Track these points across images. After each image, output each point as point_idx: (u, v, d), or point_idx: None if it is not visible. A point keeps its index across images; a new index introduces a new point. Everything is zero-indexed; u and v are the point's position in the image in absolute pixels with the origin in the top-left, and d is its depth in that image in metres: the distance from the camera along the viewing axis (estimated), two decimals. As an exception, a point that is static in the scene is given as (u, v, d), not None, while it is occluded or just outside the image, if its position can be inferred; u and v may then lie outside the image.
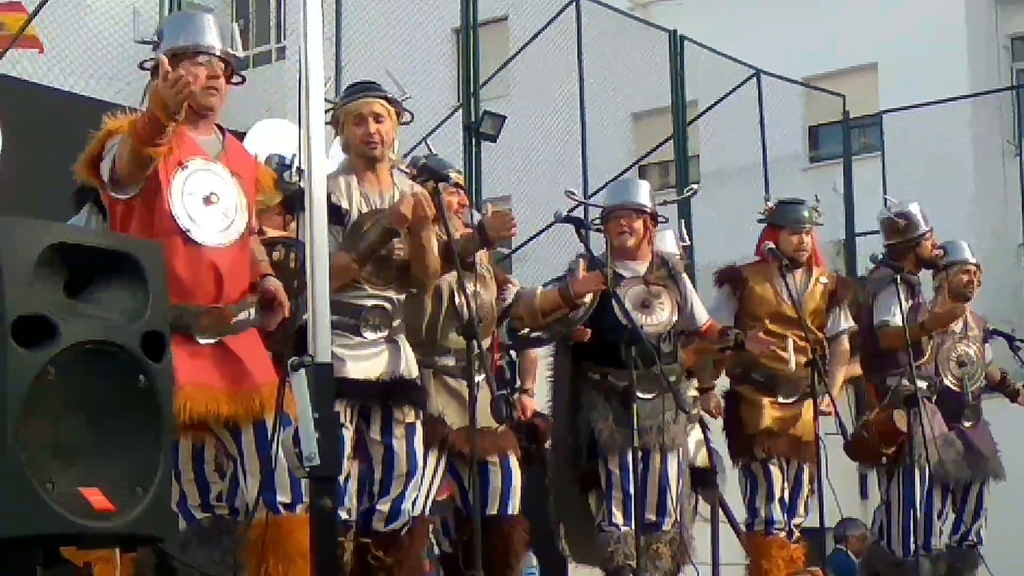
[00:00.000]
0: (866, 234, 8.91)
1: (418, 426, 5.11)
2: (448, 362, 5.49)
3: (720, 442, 7.17)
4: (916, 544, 7.15)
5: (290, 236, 5.11)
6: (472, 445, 5.17)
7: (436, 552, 6.06)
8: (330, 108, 5.11)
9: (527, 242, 11.54)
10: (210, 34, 4.70)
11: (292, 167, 5.49)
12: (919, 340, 7.31)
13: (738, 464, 6.96)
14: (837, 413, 6.87)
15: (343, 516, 4.96)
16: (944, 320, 7.37)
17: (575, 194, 6.55)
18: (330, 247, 4.75)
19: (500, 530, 5.53)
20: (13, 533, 3.27)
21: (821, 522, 6.83)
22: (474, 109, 10.75)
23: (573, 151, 11.86)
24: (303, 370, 3.60)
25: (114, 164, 4.44)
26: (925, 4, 17.26)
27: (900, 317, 7.04)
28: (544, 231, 10.66)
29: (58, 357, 3.34)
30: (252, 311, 4.71)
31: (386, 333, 5.07)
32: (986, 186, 17.11)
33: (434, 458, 5.36)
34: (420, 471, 5.13)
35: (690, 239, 8.60)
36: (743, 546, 7.10)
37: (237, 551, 4.59)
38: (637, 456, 6.09)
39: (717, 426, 7.22)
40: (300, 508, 4.47)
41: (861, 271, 10.13)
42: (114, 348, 3.45)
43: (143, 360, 3.49)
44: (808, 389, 6.79)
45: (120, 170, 4.44)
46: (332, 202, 4.81)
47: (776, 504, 6.83)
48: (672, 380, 6.22)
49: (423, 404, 5.20)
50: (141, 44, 4.80)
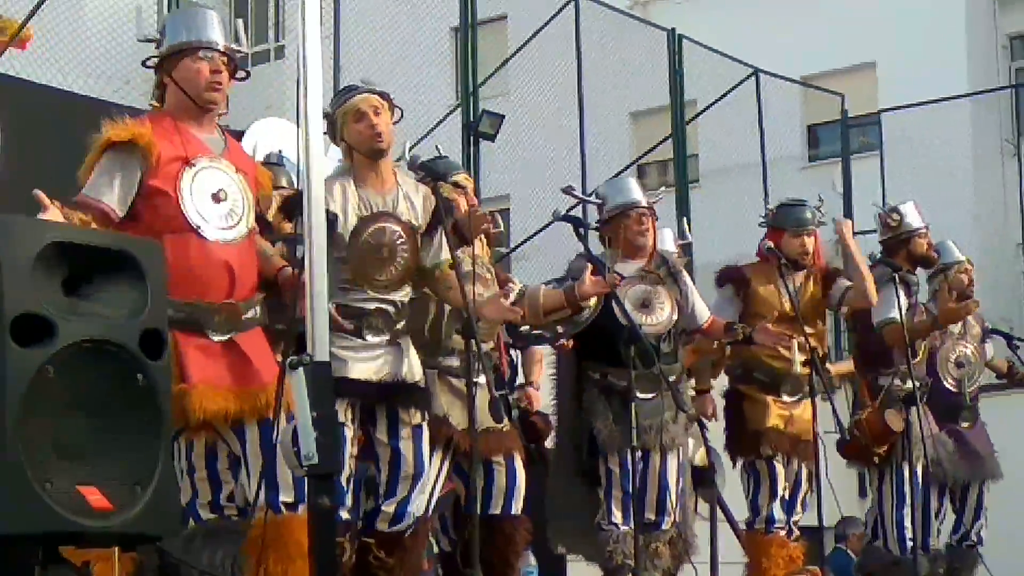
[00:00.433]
0: (865, 233, 8.88)
1: (425, 428, 5.10)
2: (452, 363, 5.48)
3: (718, 441, 7.15)
4: (914, 542, 7.15)
5: (291, 234, 5.08)
6: (473, 445, 5.17)
7: (435, 550, 6.06)
8: (331, 112, 5.03)
9: (526, 241, 11.54)
10: (213, 30, 4.67)
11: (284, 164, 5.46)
12: (927, 337, 7.31)
13: (740, 462, 6.95)
14: (835, 411, 6.86)
15: (344, 516, 4.96)
16: (959, 316, 7.35)
17: (574, 189, 6.53)
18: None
19: (503, 529, 5.53)
20: (12, 532, 3.27)
21: (820, 521, 6.82)
22: (473, 108, 10.74)
23: (572, 150, 11.85)
24: (301, 368, 3.59)
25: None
26: (924, 3, 17.26)
27: (900, 314, 7.04)
28: (543, 230, 10.66)
29: (57, 356, 3.34)
30: (258, 308, 4.71)
31: (388, 336, 5.04)
32: (985, 185, 17.10)
33: (438, 458, 5.35)
34: (427, 473, 5.12)
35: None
36: (741, 545, 7.10)
37: (239, 553, 4.58)
38: (636, 456, 6.10)
39: (715, 426, 7.21)
40: (302, 508, 4.41)
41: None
42: (113, 347, 3.45)
43: (142, 359, 3.49)
44: (808, 388, 6.78)
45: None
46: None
47: (778, 502, 6.83)
48: (672, 380, 6.22)
49: (428, 406, 5.18)
50: (143, 43, 4.78)
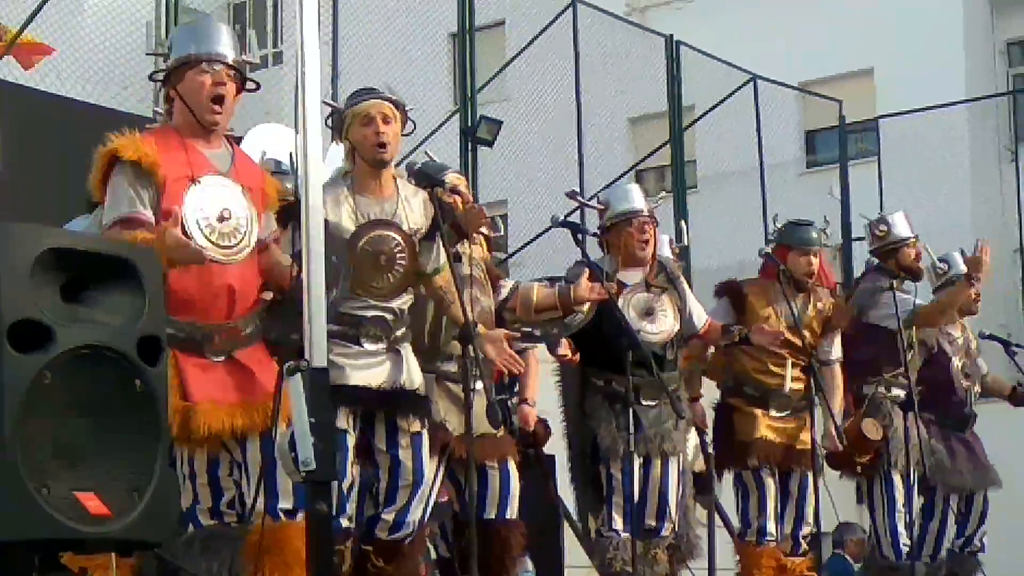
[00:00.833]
0: (863, 239, 8.89)
1: (424, 435, 5.08)
2: (450, 368, 5.47)
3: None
4: (909, 548, 7.16)
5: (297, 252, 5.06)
6: (469, 451, 5.17)
7: (433, 556, 6.06)
8: (331, 113, 5.04)
9: (524, 247, 11.55)
10: (220, 42, 4.62)
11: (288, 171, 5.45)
12: (933, 323, 7.38)
13: (730, 473, 6.96)
14: (834, 419, 6.86)
15: (344, 523, 4.95)
16: (964, 299, 7.35)
17: (577, 193, 6.52)
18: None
19: (497, 534, 5.52)
20: (9, 538, 3.27)
21: (817, 526, 6.84)
22: (471, 114, 10.75)
23: (570, 156, 11.86)
24: (299, 375, 3.59)
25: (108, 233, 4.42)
26: (922, 9, 17.27)
27: (895, 313, 7.09)
28: (541, 235, 10.66)
29: (55, 362, 3.34)
30: (258, 322, 4.69)
31: (386, 344, 5.02)
32: (983, 191, 17.11)
33: (435, 464, 5.35)
34: (427, 482, 5.12)
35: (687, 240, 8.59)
36: (736, 549, 7.10)
37: (236, 560, 4.57)
38: (635, 463, 6.12)
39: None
40: (301, 515, 4.40)
41: (857, 276, 10.12)
42: (111, 353, 3.44)
43: (140, 365, 3.49)
44: (800, 404, 6.82)
45: None
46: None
47: (770, 514, 6.81)
48: (672, 388, 6.23)
49: (428, 413, 5.17)
50: (151, 55, 4.76)
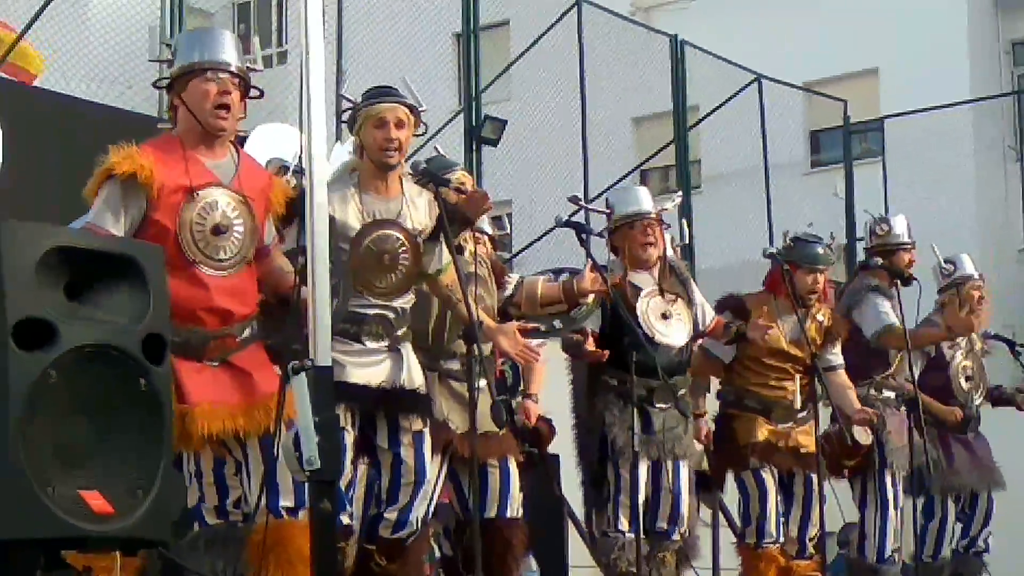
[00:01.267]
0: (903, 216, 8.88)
1: (426, 434, 5.08)
2: (453, 366, 5.47)
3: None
4: (898, 549, 7.20)
5: (294, 249, 5.07)
6: (473, 449, 5.17)
7: (437, 555, 6.05)
8: (348, 108, 5.06)
9: (528, 246, 11.54)
10: (225, 50, 4.61)
11: (291, 171, 5.45)
12: (932, 345, 7.40)
13: (731, 477, 6.96)
14: (839, 420, 6.85)
15: (346, 521, 4.95)
16: (969, 327, 7.39)
17: (580, 199, 6.51)
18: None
19: (499, 533, 5.51)
20: (13, 536, 3.28)
21: (822, 527, 6.83)
22: (475, 114, 10.75)
23: (574, 156, 11.85)
24: (303, 374, 3.59)
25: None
26: (926, 9, 17.26)
27: (897, 319, 7.09)
28: (545, 235, 10.65)
29: (59, 360, 3.34)
30: (254, 325, 4.69)
31: (387, 343, 5.03)
32: (987, 191, 17.11)
33: (437, 463, 5.35)
34: (429, 480, 5.12)
35: (691, 239, 8.58)
36: (737, 550, 7.10)
37: (241, 559, 4.58)
38: (643, 464, 6.14)
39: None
40: (303, 513, 4.41)
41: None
42: (115, 351, 3.45)
43: (144, 363, 3.50)
44: (802, 414, 6.85)
45: None
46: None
47: (770, 515, 6.81)
48: (682, 392, 6.28)
49: (429, 412, 5.16)
50: (155, 62, 4.76)
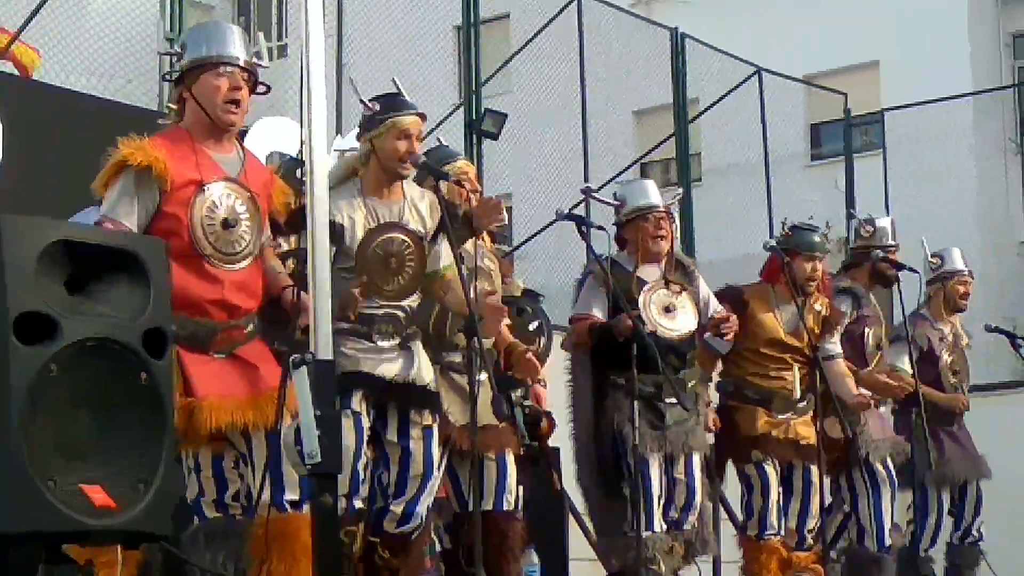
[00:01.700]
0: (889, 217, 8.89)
1: (435, 430, 5.13)
2: (455, 359, 5.50)
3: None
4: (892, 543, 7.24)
5: (304, 249, 5.12)
6: (473, 443, 5.16)
7: (437, 549, 6.05)
8: (373, 113, 5.11)
9: (529, 239, 11.53)
10: (234, 45, 4.64)
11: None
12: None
13: (734, 469, 6.97)
14: (839, 414, 6.86)
15: (357, 504, 4.97)
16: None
17: (591, 189, 6.51)
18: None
19: (495, 526, 5.50)
20: (15, 530, 3.28)
21: (822, 520, 6.84)
22: (475, 107, 10.73)
23: (575, 149, 11.83)
24: (304, 367, 3.59)
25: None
26: (927, 2, 17.25)
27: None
28: (546, 228, 10.65)
29: (60, 354, 3.34)
30: (257, 320, 4.72)
31: (398, 340, 5.08)
32: (988, 184, 17.10)
33: (439, 454, 5.36)
34: (435, 475, 5.15)
35: (686, 236, 8.58)
36: (739, 542, 7.11)
37: (243, 552, 4.58)
38: (656, 459, 6.16)
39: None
40: (307, 507, 4.41)
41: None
42: (116, 345, 3.45)
43: (145, 357, 3.49)
44: (802, 405, 6.87)
45: None
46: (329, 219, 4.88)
47: (772, 507, 6.82)
48: (691, 385, 6.31)
49: (439, 408, 5.21)
50: (165, 55, 4.77)
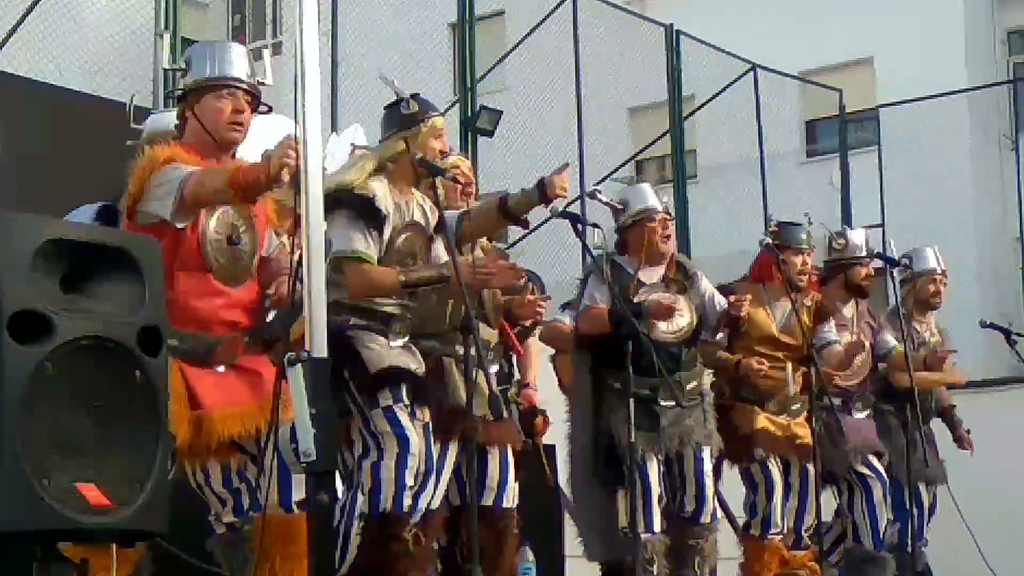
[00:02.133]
0: (870, 227, 8.90)
1: (430, 426, 5.22)
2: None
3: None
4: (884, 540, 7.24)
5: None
6: (471, 439, 5.18)
7: (435, 546, 6.03)
8: (412, 112, 5.22)
9: (524, 237, 11.52)
10: (238, 66, 4.67)
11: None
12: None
13: (732, 468, 6.97)
14: (835, 413, 6.87)
15: (409, 502, 5.05)
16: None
17: (599, 192, 6.55)
18: (359, 245, 5.00)
19: (494, 522, 5.51)
20: (9, 528, 3.27)
21: (818, 519, 6.84)
22: (470, 104, 10.73)
23: (570, 146, 11.83)
24: (299, 365, 3.59)
25: (183, 196, 4.41)
26: (922, -2, 17.26)
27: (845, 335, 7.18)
28: (541, 226, 10.64)
29: (55, 353, 3.34)
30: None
31: (408, 338, 5.22)
32: (983, 180, 17.10)
33: (455, 449, 5.38)
34: (438, 469, 5.22)
35: (681, 234, 8.58)
36: (739, 540, 7.11)
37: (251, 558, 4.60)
38: (654, 461, 6.15)
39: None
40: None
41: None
42: (111, 344, 3.45)
43: (140, 356, 3.49)
44: (797, 406, 6.88)
45: (200, 202, 4.46)
46: (374, 204, 5.05)
47: (776, 506, 6.82)
48: (692, 386, 6.34)
49: (432, 404, 5.28)
50: (170, 70, 4.79)
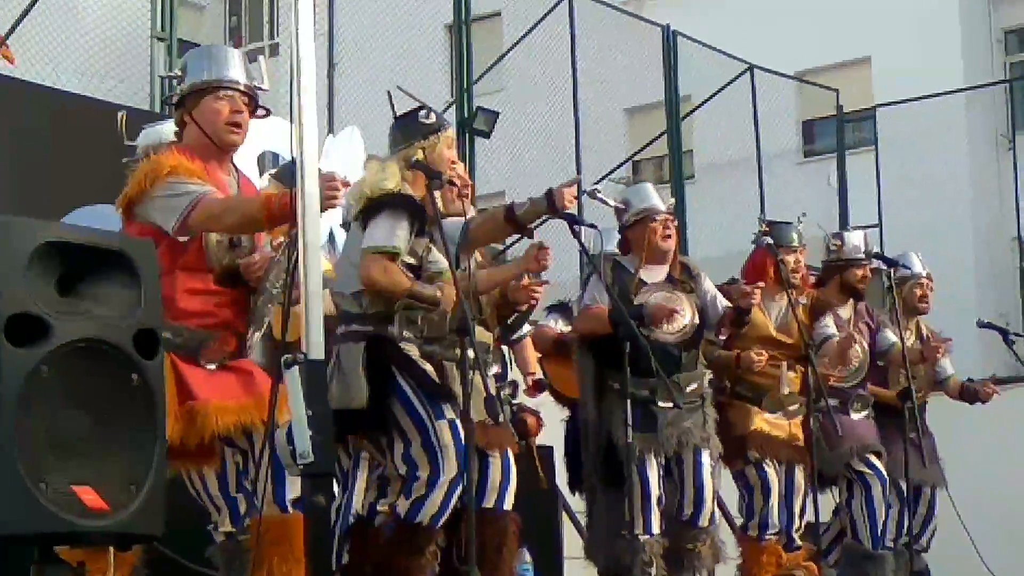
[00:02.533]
0: (866, 227, 8.90)
1: None
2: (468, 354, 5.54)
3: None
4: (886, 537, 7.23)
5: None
6: (469, 441, 5.18)
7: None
8: (431, 122, 5.41)
9: (520, 239, 11.51)
10: (234, 68, 4.68)
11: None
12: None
13: (728, 469, 6.96)
14: (831, 414, 6.86)
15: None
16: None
17: (598, 191, 6.55)
18: (400, 243, 5.04)
19: (495, 524, 5.52)
20: (7, 532, 3.27)
21: (816, 517, 6.84)
22: (467, 105, 10.73)
23: (567, 147, 11.82)
24: (296, 367, 3.59)
25: (188, 222, 4.42)
26: (918, -2, 17.26)
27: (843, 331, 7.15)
28: (537, 227, 10.63)
29: (51, 355, 3.34)
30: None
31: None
32: (980, 180, 17.09)
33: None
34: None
35: (678, 233, 8.55)
36: (738, 542, 7.10)
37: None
38: (653, 463, 6.15)
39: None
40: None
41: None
42: (107, 346, 3.45)
43: (136, 358, 3.49)
44: (792, 409, 6.87)
45: (209, 229, 4.48)
46: (424, 215, 5.13)
47: (772, 507, 6.81)
48: (692, 388, 6.32)
49: None
50: (166, 78, 4.79)
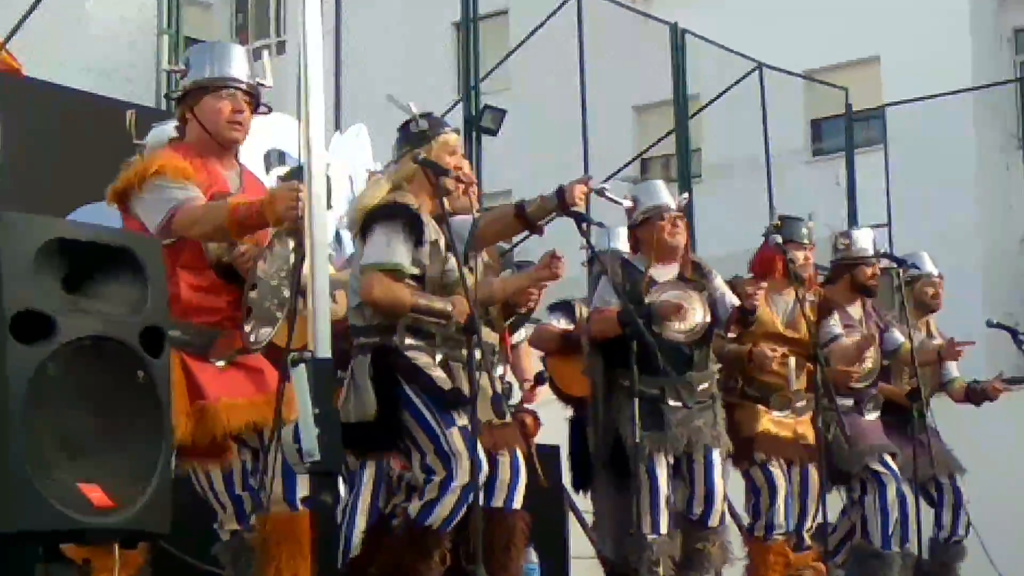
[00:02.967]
0: (877, 226, 8.88)
1: None
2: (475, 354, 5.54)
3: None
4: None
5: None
6: (474, 439, 5.18)
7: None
8: (421, 130, 5.28)
9: (527, 236, 11.51)
10: (237, 65, 4.66)
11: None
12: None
13: (736, 469, 6.95)
14: (839, 415, 6.85)
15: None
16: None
17: (607, 189, 6.55)
18: (401, 258, 5.06)
19: (503, 523, 5.51)
20: (13, 529, 3.27)
21: (824, 518, 6.82)
22: (474, 103, 10.73)
23: (574, 145, 11.81)
24: (303, 365, 3.58)
25: (170, 227, 4.40)
26: (927, -3, 17.24)
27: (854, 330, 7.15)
28: (545, 225, 10.63)
29: (58, 353, 3.34)
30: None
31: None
32: (989, 180, 17.08)
33: None
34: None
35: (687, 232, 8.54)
36: (744, 542, 7.09)
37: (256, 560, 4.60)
38: (662, 462, 6.15)
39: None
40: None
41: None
42: (113, 343, 3.44)
43: (142, 355, 3.49)
44: (802, 404, 6.87)
45: (188, 236, 4.45)
46: (418, 216, 5.14)
47: (779, 508, 6.80)
48: (703, 387, 6.30)
49: None
50: (170, 71, 4.78)
